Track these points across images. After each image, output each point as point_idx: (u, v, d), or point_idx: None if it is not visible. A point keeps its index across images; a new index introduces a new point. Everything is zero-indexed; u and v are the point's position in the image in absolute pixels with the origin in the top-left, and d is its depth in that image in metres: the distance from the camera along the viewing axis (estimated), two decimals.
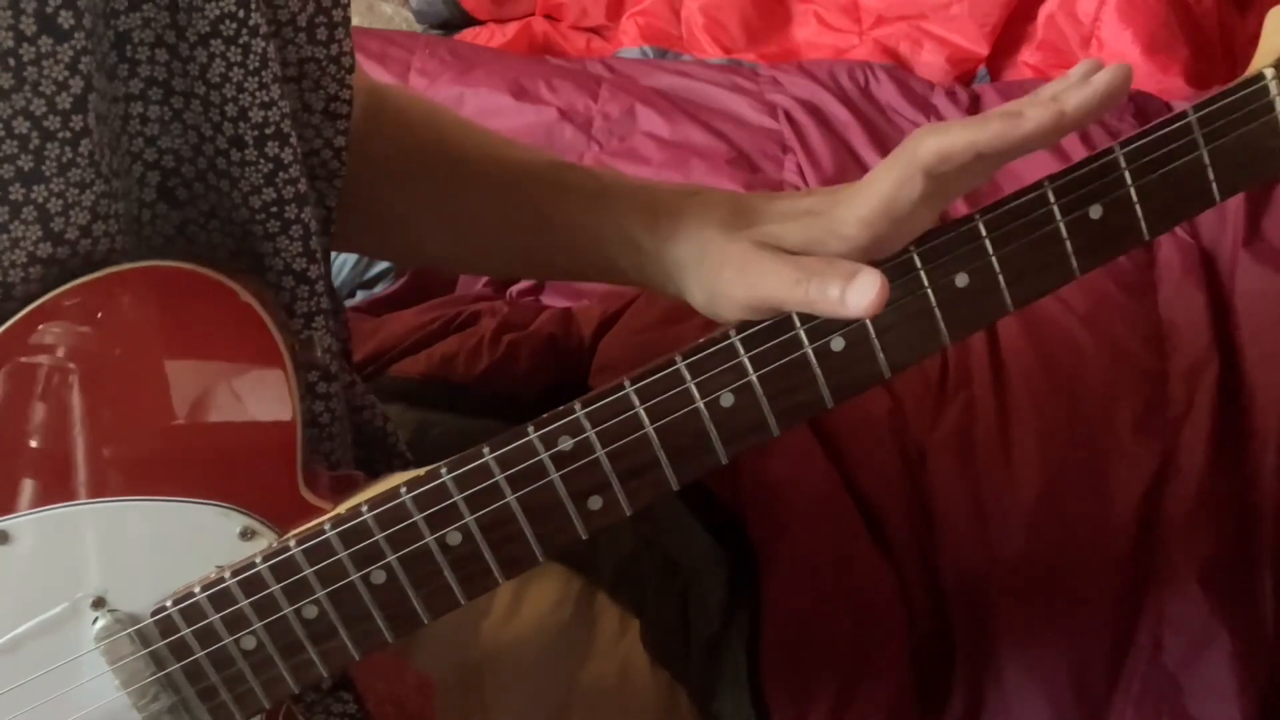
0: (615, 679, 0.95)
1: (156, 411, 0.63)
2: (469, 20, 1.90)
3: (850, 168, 1.42)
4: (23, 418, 0.61)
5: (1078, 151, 1.24)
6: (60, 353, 0.61)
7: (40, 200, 0.59)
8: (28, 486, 0.62)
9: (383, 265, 1.41)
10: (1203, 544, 1.01)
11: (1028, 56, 1.66)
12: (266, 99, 0.65)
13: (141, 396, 0.62)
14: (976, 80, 1.66)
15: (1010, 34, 1.67)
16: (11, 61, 0.57)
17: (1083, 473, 1.06)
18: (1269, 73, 0.63)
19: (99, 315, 0.61)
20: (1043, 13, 1.65)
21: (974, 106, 1.52)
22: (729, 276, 0.65)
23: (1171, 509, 1.03)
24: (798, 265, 0.62)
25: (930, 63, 1.65)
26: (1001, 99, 1.51)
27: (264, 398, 0.64)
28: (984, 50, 1.65)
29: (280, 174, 0.67)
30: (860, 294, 0.59)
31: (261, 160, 0.66)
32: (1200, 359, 1.12)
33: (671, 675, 0.98)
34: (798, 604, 1.00)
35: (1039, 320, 1.17)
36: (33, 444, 0.62)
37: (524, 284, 1.33)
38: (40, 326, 0.61)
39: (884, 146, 1.45)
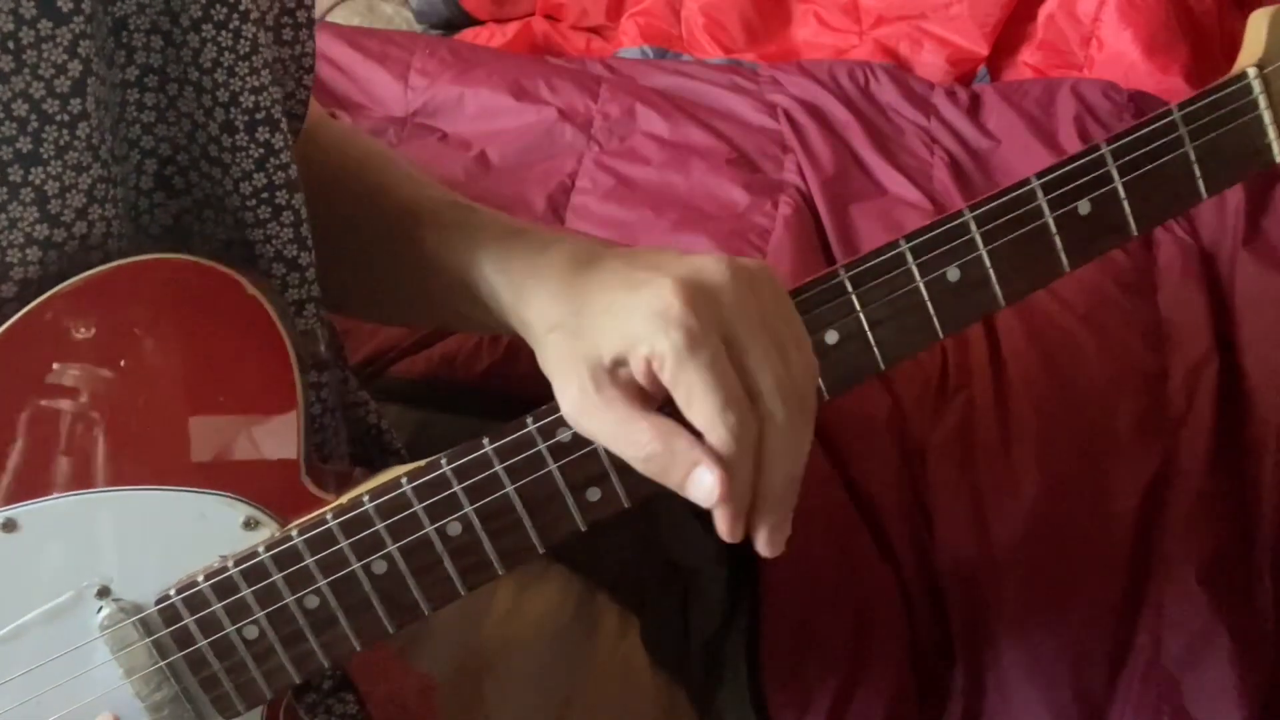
0: (615, 679, 0.95)
1: (162, 402, 0.63)
2: (469, 20, 1.90)
3: (850, 168, 1.42)
4: (30, 408, 0.62)
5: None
6: (67, 344, 0.61)
7: (38, 182, 0.60)
8: (34, 475, 0.62)
9: None
10: (1203, 544, 1.01)
11: (1028, 56, 1.66)
12: (257, 84, 0.66)
13: (147, 387, 0.63)
14: (976, 80, 1.66)
15: (1010, 34, 1.66)
16: (11, 45, 0.58)
17: (1083, 472, 1.06)
18: (1251, 72, 0.65)
19: (106, 307, 0.62)
20: (1043, 13, 1.64)
21: (974, 106, 1.52)
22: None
23: (1171, 509, 1.03)
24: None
25: (930, 63, 1.65)
26: (1001, 99, 1.52)
27: (268, 389, 0.64)
28: (984, 50, 1.65)
29: (271, 159, 0.67)
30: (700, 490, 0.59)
31: (252, 145, 0.66)
32: (1200, 359, 1.12)
33: (671, 675, 0.98)
34: (797, 604, 1.00)
35: (1039, 320, 1.17)
36: (39, 433, 0.62)
37: None
38: (48, 319, 0.61)
39: (884, 146, 1.45)
